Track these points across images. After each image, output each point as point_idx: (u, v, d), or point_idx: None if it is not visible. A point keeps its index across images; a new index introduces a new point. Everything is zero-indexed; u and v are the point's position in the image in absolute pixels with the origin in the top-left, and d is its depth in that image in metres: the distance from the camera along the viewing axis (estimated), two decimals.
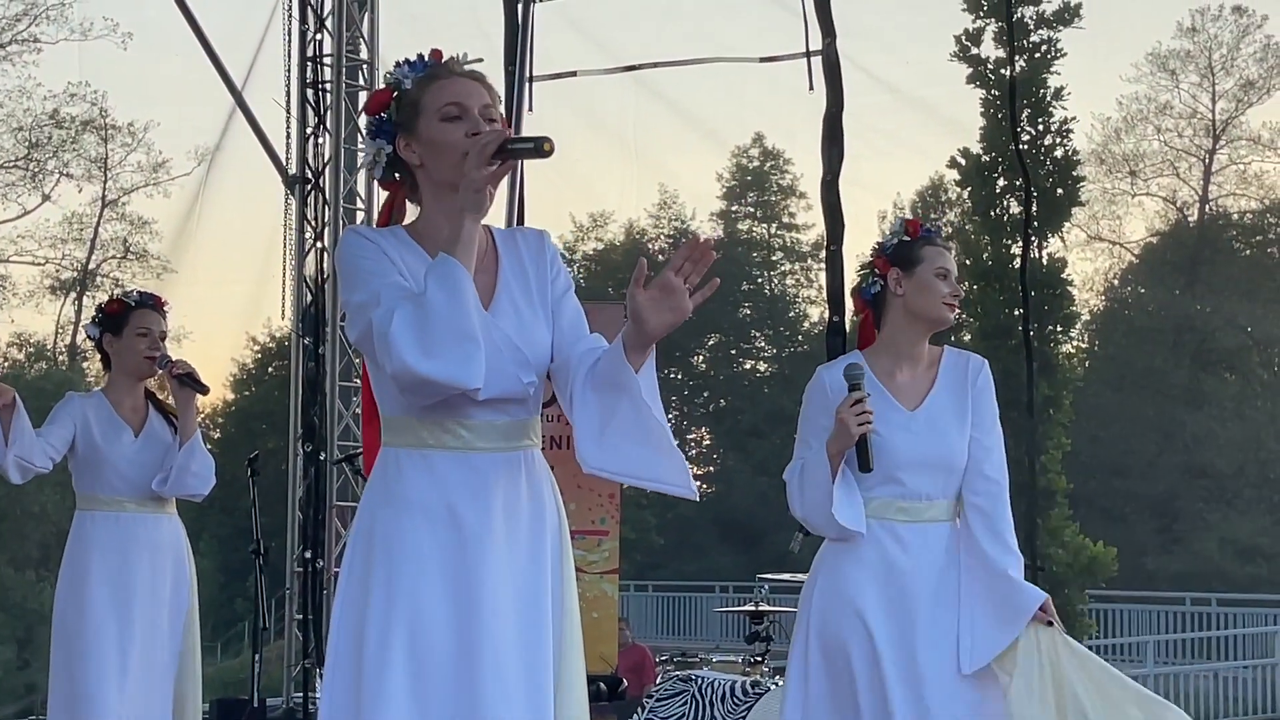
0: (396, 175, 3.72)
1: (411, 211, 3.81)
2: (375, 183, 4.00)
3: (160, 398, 6.68)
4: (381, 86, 3.74)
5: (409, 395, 3.51)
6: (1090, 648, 18.66)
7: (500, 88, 11.83)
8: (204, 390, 6.49)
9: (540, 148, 3.52)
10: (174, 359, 6.47)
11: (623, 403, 3.61)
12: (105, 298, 6.80)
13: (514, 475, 3.71)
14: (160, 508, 6.45)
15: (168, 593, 6.40)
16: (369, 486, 3.70)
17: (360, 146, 12.68)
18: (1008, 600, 4.74)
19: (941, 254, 4.90)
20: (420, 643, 3.54)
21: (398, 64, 3.70)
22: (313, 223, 12.26)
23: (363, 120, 12.65)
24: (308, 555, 11.69)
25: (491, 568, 3.64)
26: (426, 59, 3.70)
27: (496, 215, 10.83)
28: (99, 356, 6.68)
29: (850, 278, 4.89)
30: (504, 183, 3.80)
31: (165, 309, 6.62)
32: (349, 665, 3.58)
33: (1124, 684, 4.85)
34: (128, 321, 6.47)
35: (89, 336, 6.66)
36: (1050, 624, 4.72)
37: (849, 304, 10.28)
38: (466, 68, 3.74)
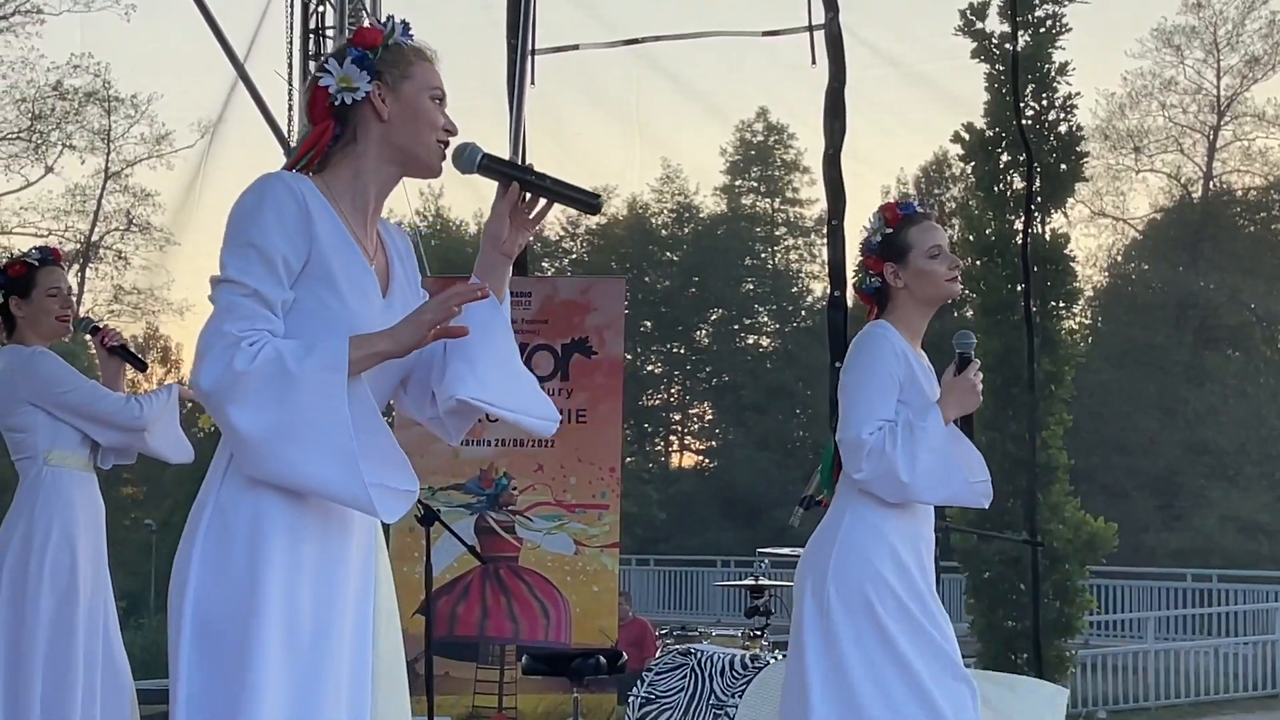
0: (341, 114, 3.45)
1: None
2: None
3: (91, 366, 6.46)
4: (369, 27, 3.54)
5: (203, 388, 3.21)
6: (1090, 624, 18.62)
7: (502, 61, 11.85)
8: (141, 365, 6.35)
9: (579, 200, 3.49)
10: (101, 325, 6.27)
11: (496, 330, 3.53)
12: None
13: None
14: (88, 467, 6.17)
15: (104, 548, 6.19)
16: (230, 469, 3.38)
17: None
18: None
19: (926, 231, 4.86)
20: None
21: (390, 18, 3.51)
22: None
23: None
24: None
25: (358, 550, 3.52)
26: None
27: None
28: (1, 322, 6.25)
29: (852, 253, 4.90)
30: (505, 156, 3.71)
31: (64, 263, 6.36)
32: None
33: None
34: (36, 282, 6.17)
35: None
36: None
37: (850, 279, 10.27)
38: None
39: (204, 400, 3.19)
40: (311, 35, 12.25)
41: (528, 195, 3.48)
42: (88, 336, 6.33)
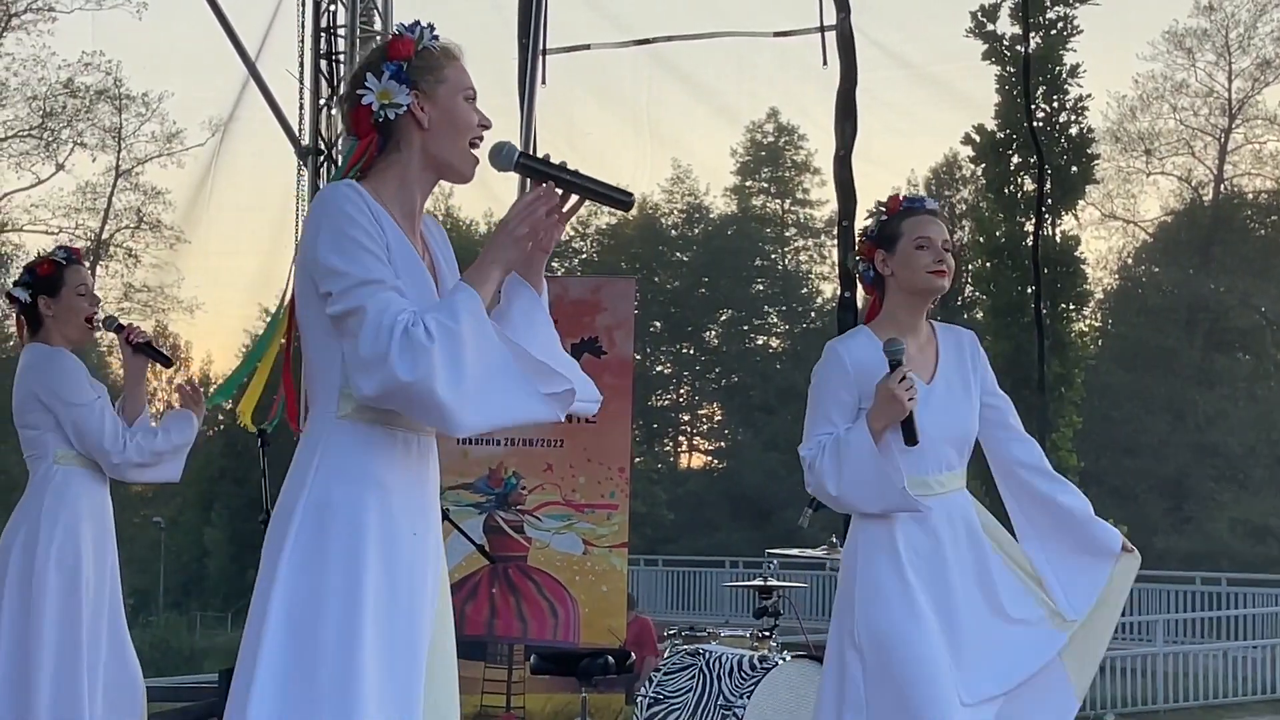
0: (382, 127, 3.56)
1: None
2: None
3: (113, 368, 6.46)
4: (396, 34, 3.61)
5: (373, 396, 3.35)
6: None
7: (514, 60, 11.85)
8: (167, 362, 6.31)
9: (610, 197, 3.55)
10: (126, 324, 6.24)
11: (538, 319, 3.63)
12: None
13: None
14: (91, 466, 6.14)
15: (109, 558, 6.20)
16: (321, 454, 3.48)
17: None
18: (1095, 540, 5.01)
19: (921, 223, 4.86)
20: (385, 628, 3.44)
21: (418, 24, 3.60)
22: None
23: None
24: None
25: (434, 551, 3.62)
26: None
27: (509, 187, 10.84)
28: (26, 321, 6.23)
29: (861, 229, 4.90)
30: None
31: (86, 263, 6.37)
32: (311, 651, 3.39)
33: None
34: (64, 280, 6.13)
35: (14, 300, 6.22)
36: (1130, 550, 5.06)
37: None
38: None
39: (403, 392, 3.28)
40: (323, 34, 12.25)
41: (559, 192, 3.54)
42: (112, 334, 6.31)
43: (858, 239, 5.06)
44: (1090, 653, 4.99)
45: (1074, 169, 16.20)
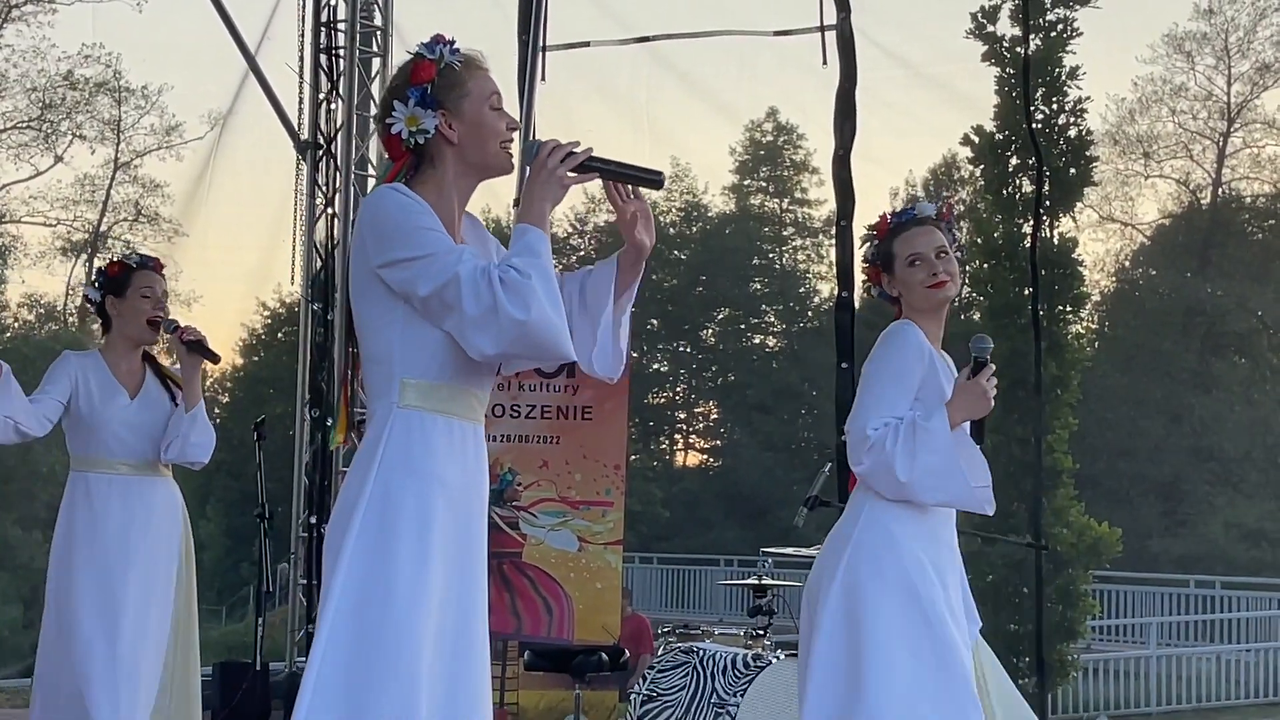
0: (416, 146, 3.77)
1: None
2: (381, 147, 3.92)
3: (162, 363, 6.65)
4: (417, 57, 3.81)
5: (494, 352, 3.56)
6: (1093, 628, 18.62)
7: (514, 56, 11.85)
8: (215, 358, 6.48)
9: (636, 177, 3.87)
10: (183, 324, 6.45)
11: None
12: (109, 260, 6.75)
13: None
14: (155, 471, 6.44)
15: (162, 556, 6.38)
16: (385, 446, 3.67)
17: (372, 113, 12.68)
18: None
19: (909, 239, 4.87)
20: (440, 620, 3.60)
21: (437, 40, 3.80)
22: (324, 189, 12.26)
23: (376, 85, 12.61)
24: (313, 520, 11.72)
25: (482, 543, 3.79)
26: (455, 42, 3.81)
27: (508, 184, 10.83)
28: (99, 320, 6.61)
29: (861, 254, 4.89)
30: (515, 152, 3.91)
31: (164, 270, 6.60)
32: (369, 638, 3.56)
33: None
34: (130, 283, 6.44)
35: (88, 300, 6.60)
36: None
37: (859, 280, 10.28)
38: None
39: (523, 331, 3.50)
40: (323, 28, 12.25)
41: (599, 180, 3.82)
42: (168, 335, 6.48)
43: (863, 266, 5.06)
44: None
45: (1072, 171, 16.18)
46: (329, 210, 12.22)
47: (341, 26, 12.35)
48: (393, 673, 3.51)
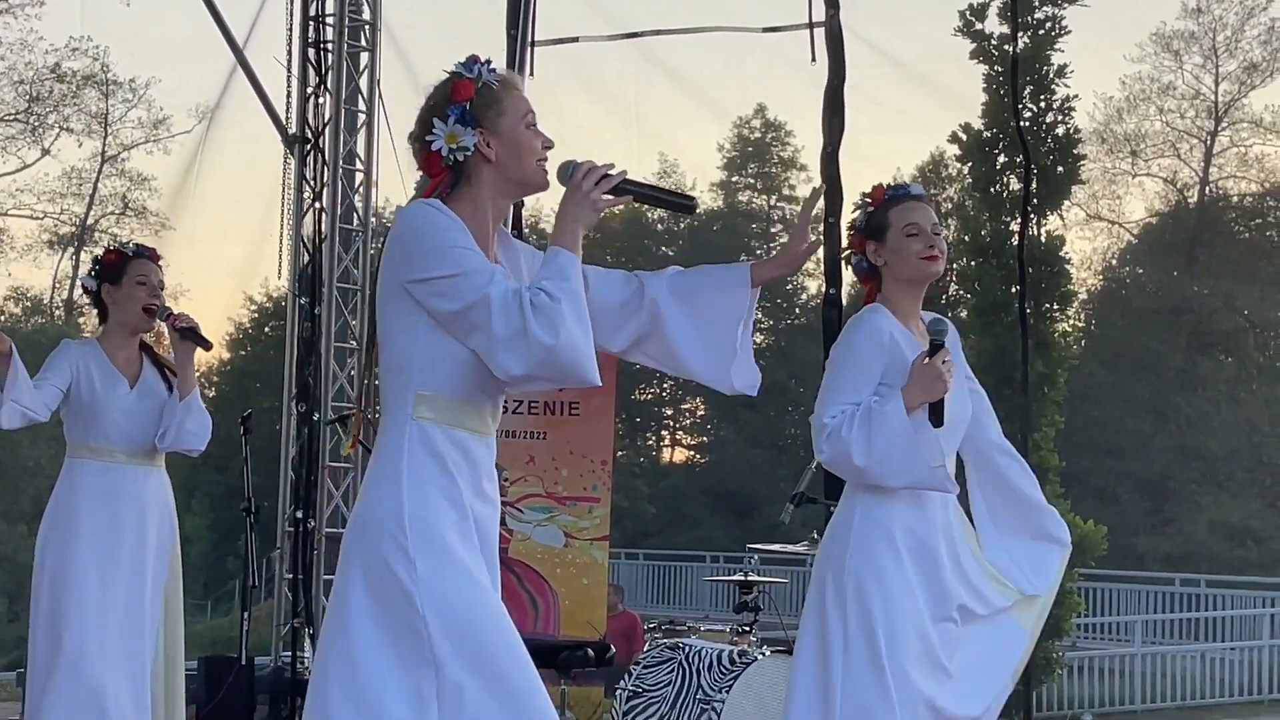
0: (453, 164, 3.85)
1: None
2: (376, 148, 3.97)
3: (157, 351, 6.68)
4: (455, 76, 3.87)
5: (520, 374, 3.63)
6: (1078, 626, 18.60)
7: (502, 52, 11.84)
8: (207, 345, 6.49)
9: (669, 201, 4.12)
10: (176, 311, 6.47)
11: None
12: (100, 253, 6.78)
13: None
14: (150, 460, 6.48)
15: (154, 545, 6.41)
16: (407, 463, 3.76)
17: (360, 108, 12.68)
18: (1046, 528, 5.10)
19: (908, 210, 4.88)
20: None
21: (474, 60, 3.86)
22: (312, 183, 12.24)
23: (365, 79, 12.59)
24: (299, 515, 11.71)
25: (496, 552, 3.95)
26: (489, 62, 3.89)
27: None
28: (95, 308, 6.65)
29: (850, 220, 4.89)
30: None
31: (161, 262, 6.63)
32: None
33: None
34: (126, 271, 6.48)
35: (85, 288, 6.65)
36: None
37: (846, 277, 10.28)
38: None
39: (550, 355, 3.58)
40: (311, 22, 12.23)
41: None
42: (162, 322, 6.50)
43: (846, 232, 5.08)
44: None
45: (1060, 169, 16.20)
46: (316, 204, 12.21)
47: (330, 20, 12.34)
48: (524, 682, 3.69)
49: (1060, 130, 16.38)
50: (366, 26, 12.71)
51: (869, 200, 5.00)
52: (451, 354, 3.72)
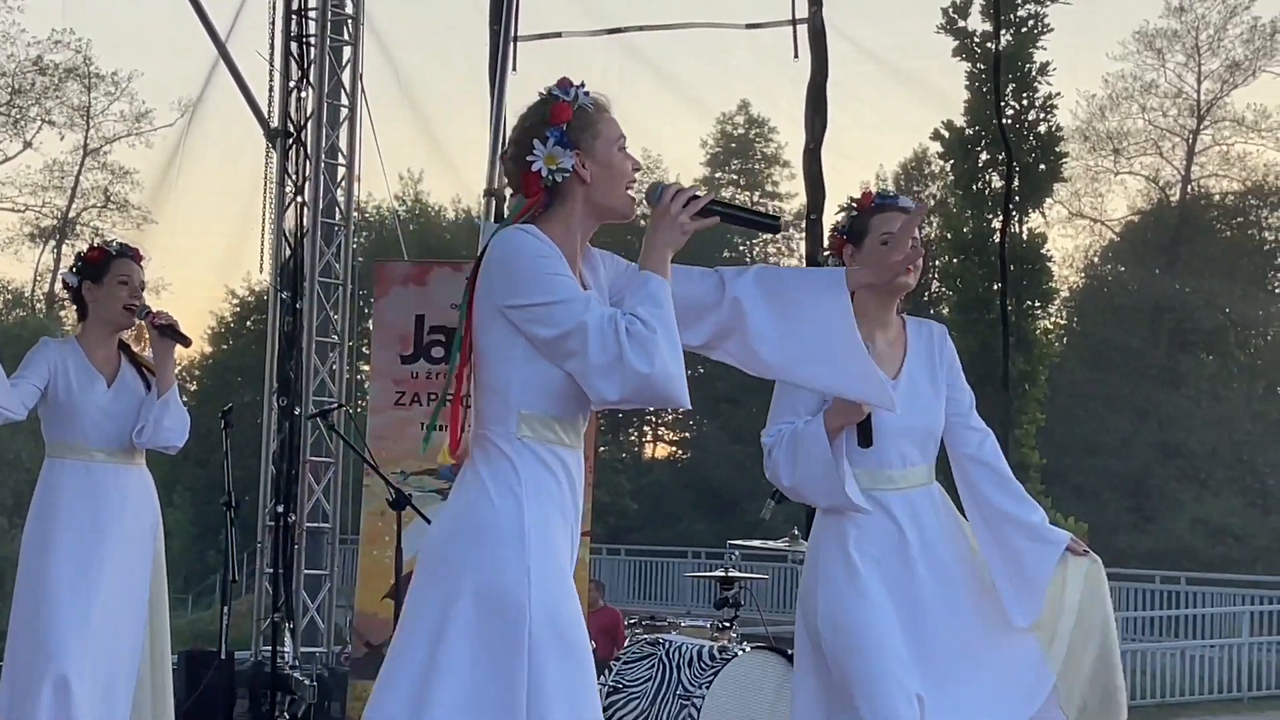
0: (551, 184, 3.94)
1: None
2: (358, 142, 3.99)
3: (135, 350, 6.67)
4: (553, 98, 3.95)
5: (616, 398, 3.74)
6: None
7: (485, 47, 11.84)
8: (186, 342, 6.48)
9: (755, 222, 4.15)
10: (154, 309, 6.46)
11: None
12: (84, 246, 6.76)
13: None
14: (130, 458, 6.46)
15: (136, 542, 6.40)
16: (496, 474, 3.86)
17: (343, 102, 12.66)
18: (1020, 556, 4.89)
19: (889, 220, 4.89)
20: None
21: (568, 83, 3.96)
22: (293, 177, 12.23)
23: (347, 73, 12.58)
24: (280, 509, 11.69)
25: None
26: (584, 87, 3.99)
27: (478, 175, 10.81)
28: (75, 305, 6.64)
29: (833, 222, 4.89)
30: (486, 142, 3.98)
31: (143, 261, 6.62)
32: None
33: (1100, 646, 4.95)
34: (108, 269, 6.46)
35: (66, 284, 6.61)
36: (1085, 553, 4.99)
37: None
38: None
39: (646, 383, 3.69)
40: (294, 16, 12.21)
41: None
42: (140, 320, 6.49)
43: (829, 233, 5.09)
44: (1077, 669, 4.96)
45: (1042, 167, 16.26)
46: (299, 199, 12.20)
47: (312, 14, 12.32)
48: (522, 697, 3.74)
49: (1042, 128, 16.45)
50: (349, 21, 12.70)
51: (855, 204, 5.01)
52: (549, 375, 3.82)
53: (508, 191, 4.08)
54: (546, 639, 3.74)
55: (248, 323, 41.58)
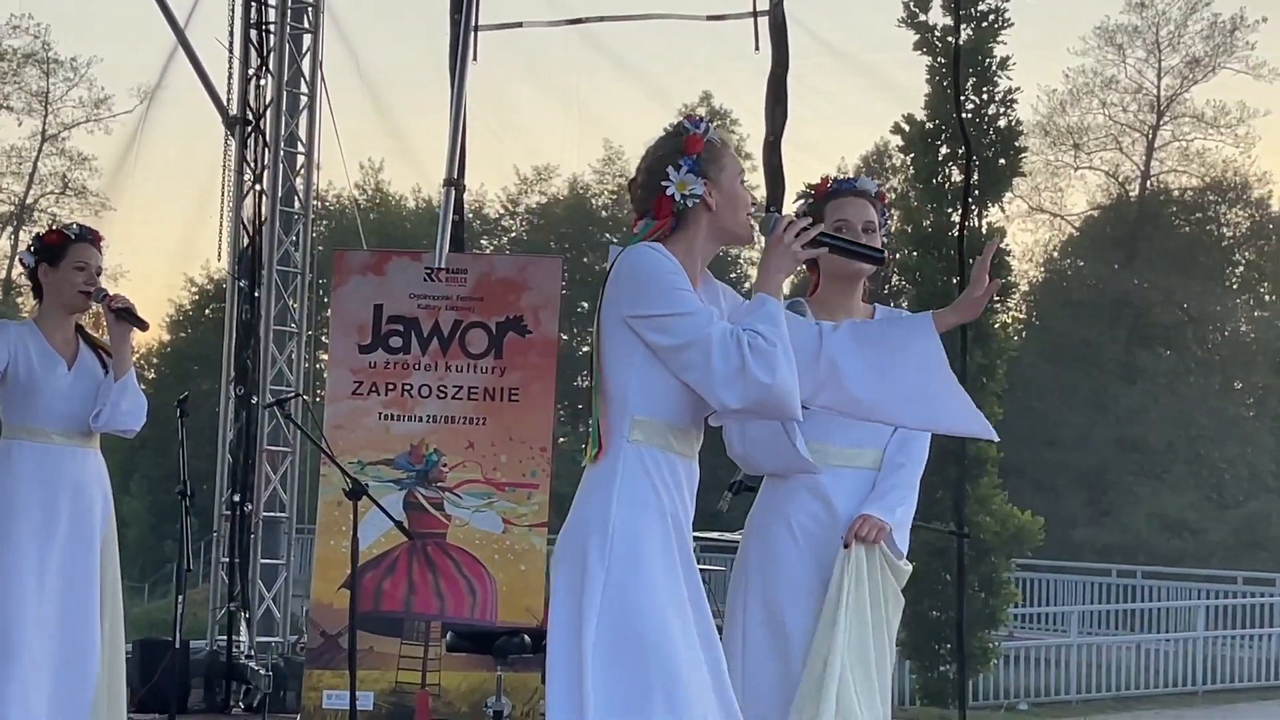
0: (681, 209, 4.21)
1: None
2: (317, 131, 3.99)
3: (92, 333, 6.65)
4: (686, 130, 4.30)
5: (737, 411, 4.02)
6: (1015, 616, 18.64)
7: (445, 36, 11.81)
8: (143, 326, 6.48)
9: (859, 253, 4.48)
10: (111, 293, 6.45)
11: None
12: (39, 232, 6.74)
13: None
14: (86, 442, 6.46)
15: (87, 526, 6.39)
16: (621, 479, 4.09)
17: (302, 90, 12.62)
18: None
19: (841, 205, 4.92)
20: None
21: (699, 119, 4.33)
22: (252, 165, 12.20)
23: (307, 61, 12.53)
24: (236, 499, 11.66)
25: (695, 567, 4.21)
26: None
27: (437, 165, 10.77)
28: (31, 286, 6.62)
29: (793, 209, 4.91)
30: (446, 132, 4.04)
31: (103, 245, 6.59)
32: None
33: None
34: (65, 254, 6.45)
35: (23, 264, 6.62)
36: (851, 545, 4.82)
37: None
38: None
39: (766, 393, 3.95)
40: (254, 3, 12.18)
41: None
42: (97, 304, 6.48)
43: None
44: None
45: (1002, 161, 16.21)
46: (257, 186, 12.17)
47: (272, 2, 12.30)
48: (659, 683, 3.94)
49: (1002, 122, 16.41)
50: (309, 8, 12.66)
51: (811, 191, 5.03)
52: (665, 383, 4.07)
53: (467, 182, 4.19)
54: (609, 644, 3.94)
55: (206, 311, 41.40)
